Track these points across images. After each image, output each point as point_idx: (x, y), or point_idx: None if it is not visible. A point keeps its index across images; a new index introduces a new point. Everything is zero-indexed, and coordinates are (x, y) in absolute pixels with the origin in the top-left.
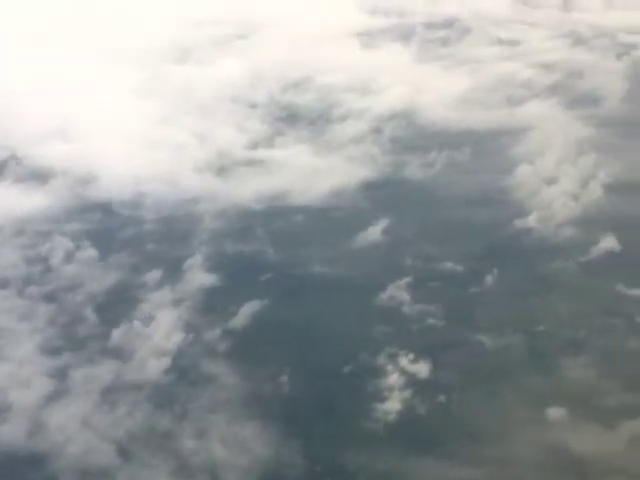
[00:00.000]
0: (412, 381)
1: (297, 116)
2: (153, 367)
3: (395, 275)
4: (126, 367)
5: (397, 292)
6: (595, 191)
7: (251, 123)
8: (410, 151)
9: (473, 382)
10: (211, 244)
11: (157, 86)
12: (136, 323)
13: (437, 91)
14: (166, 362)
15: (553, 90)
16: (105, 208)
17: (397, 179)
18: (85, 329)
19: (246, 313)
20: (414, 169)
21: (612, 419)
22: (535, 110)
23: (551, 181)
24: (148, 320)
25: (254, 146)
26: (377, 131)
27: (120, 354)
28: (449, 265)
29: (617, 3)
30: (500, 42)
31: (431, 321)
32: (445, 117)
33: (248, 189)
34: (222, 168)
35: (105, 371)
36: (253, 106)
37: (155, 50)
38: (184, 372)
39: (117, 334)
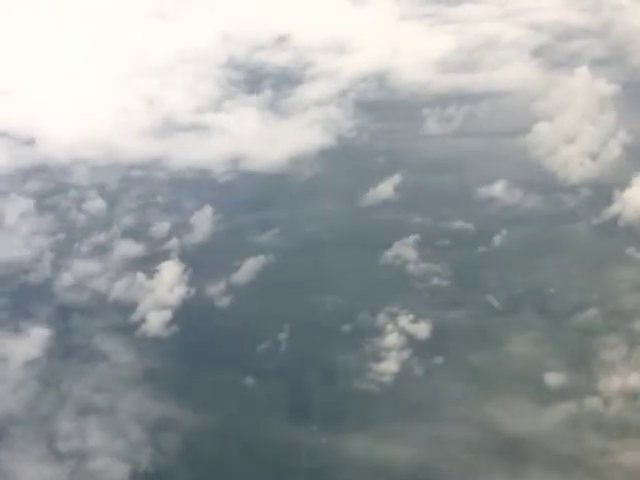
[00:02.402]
0: (411, 342)
1: (264, 77)
2: (154, 319)
3: (402, 233)
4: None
5: (403, 250)
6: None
7: (207, 86)
8: (375, 116)
9: (474, 344)
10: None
11: (118, 44)
12: (139, 275)
13: (417, 52)
14: (167, 315)
15: (538, 52)
16: (43, 171)
17: (358, 145)
18: None
19: (250, 269)
20: (378, 135)
21: None
22: (517, 73)
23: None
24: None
25: (202, 110)
26: (344, 94)
27: (121, 306)
28: (459, 224)
29: None
30: (487, 1)
31: (436, 281)
32: (420, 80)
33: (194, 154)
34: (166, 133)
35: None
36: (218, 67)
37: (125, 4)
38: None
39: (119, 286)
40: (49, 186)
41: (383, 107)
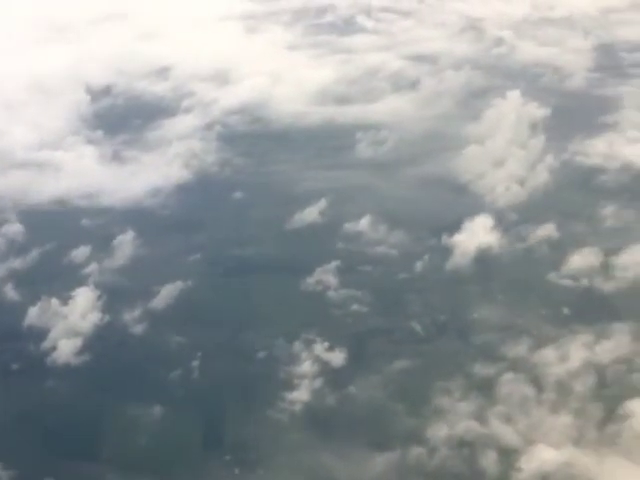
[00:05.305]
0: (325, 370)
1: (137, 108)
2: (64, 347)
3: (324, 258)
4: None
5: (324, 276)
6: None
7: (60, 119)
8: (242, 149)
9: (391, 373)
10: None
11: None
12: (54, 301)
13: (297, 83)
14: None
15: (417, 84)
16: None
17: (218, 180)
18: None
19: (168, 294)
20: (241, 169)
21: None
22: (392, 105)
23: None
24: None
25: (42, 147)
26: (210, 127)
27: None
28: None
29: None
30: (377, 31)
31: (355, 307)
32: (295, 111)
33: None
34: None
35: None
36: (84, 98)
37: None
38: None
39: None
40: None
41: (251, 140)
